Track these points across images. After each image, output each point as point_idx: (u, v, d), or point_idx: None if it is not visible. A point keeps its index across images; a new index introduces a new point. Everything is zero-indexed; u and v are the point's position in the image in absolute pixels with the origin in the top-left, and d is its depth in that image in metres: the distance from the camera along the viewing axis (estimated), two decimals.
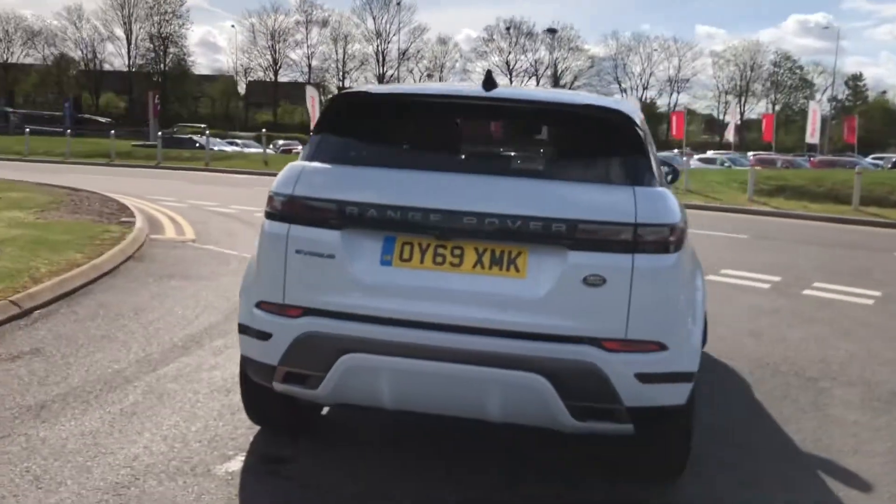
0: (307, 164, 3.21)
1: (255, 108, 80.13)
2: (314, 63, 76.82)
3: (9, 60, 74.71)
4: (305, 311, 3.07)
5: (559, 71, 75.82)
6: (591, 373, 2.89)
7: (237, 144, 43.94)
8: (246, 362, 3.28)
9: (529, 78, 75.77)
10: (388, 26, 76.58)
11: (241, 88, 79.75)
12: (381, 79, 75.69)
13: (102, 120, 56.35)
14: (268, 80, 78.40)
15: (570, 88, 76.43)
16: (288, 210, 3.12)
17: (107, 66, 76.79)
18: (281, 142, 47.83)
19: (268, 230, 3.18)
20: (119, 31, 74.65)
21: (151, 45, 76.00)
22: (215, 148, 36.94)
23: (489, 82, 3.30)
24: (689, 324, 3.13)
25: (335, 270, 3.01)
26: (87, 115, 61.14)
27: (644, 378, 2.96)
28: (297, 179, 3.15)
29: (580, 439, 3.37)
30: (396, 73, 76.52)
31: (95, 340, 5.14)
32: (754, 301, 7.62)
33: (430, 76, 75.04)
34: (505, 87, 3.40)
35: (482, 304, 2.92)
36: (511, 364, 2.89)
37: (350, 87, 3.25)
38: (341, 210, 3.03)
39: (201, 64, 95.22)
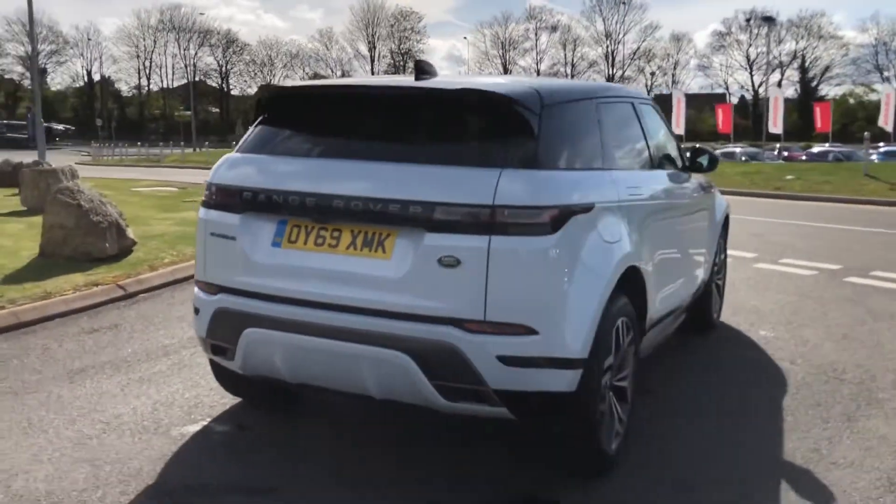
0: (230, 154, 3.52)
1: None
2: (542, 67, 77.54)
3: (271, 81, 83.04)
4: (219, 289, 3.38)
5: (807, 62, 70.27)
6: (451, 353, 2.91)
7: None
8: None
9: (773, 70, 70.95)
10: (618, 27, 75.48)
11: None
12: (610, 80, 74.69)
13: None
14: None
15: (820, 80, 70.34)
16: (207, 196, 3.45)
17: None
18: None
19: (198, 215, 3.53)
20: (364, 49, 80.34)
21: (392, 61, 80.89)
22: None
23: (419, 71, 3.42)
24: (569, 308, 3.03)
25: (237, 251, 3.29)
26: None
27: (508, 361, 2.92)
28: (217, 169, 3.48)
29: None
30: (625, 73, 75.06)
31: (169, 321, 5.82)
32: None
33: (652, 74, 72.68)
34: (438, 78, 3.47)
35: (352, 283, 3.05)
36: (378, 342, 2.99)
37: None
38: (241, 195, 3.31)
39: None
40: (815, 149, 36.82)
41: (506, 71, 79.50)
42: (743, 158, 38.45)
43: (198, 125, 66.01)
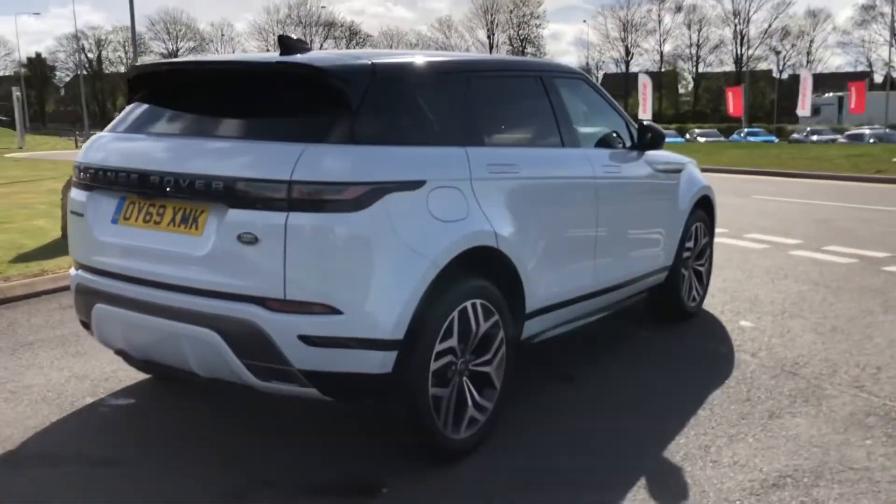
0: (98, 134, 3.61)
1: None
2: (666, 49, 75.10)
3: None
4: (78, 265, 3.48)
5: None
6: (255, 332, 2.88)
7: None
8: None
9: None
10: (747, 4, 71.97)
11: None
12: (738, 61, 71.39)
13: None
14: (619, 71, 78.46)
15: None
16: (74, 175, 3.56)
17: None
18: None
19: None
20: (482, 37, 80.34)
21: (511, 48, 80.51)
22: None
23: (283, 47, 3.39)
24: (377, 288, 2.92)
25: (85, 228, 3.38)
26: None
27: (310, 341, 2.86)
28: (83, 149, 3.57)
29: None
30: (755, 52, 71.48)
31: None
32: None
33: (777, 52, 68.64)
34: (305, 55, 3.42)
35: (171, 260, 3.06)
36: (191, 319, 2.99)
37: None
38: (91, 173, 3.38)
39: (570, 62, 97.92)
40: None
41: (628, 54, 77.54)
42: (871, 140, 35.95)
43: None
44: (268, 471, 3.21)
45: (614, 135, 4.71)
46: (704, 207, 5.50)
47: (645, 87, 44.11)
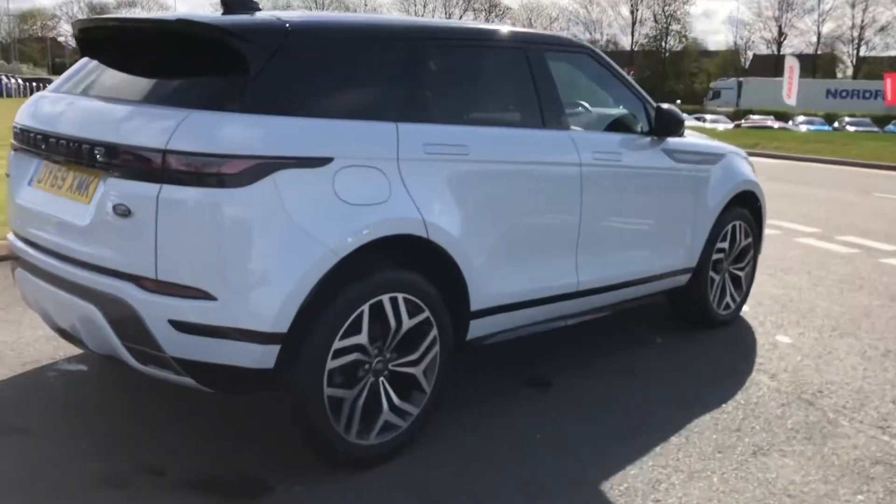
0: (37, 94, 3.48)
1: None
2: (824, 30, 70.24)
3: None
4: (12, 230, 3.40)
5: None
6: (129, 312, 2.68)
7: (704, 120, 43.00)
8: None
9: None
10: None
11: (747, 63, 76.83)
12: None
13: None
14: (770, 52, 74.18)
15: None
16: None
17: (611, 48, 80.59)
18: (755, 117, 45.29)
19: None
20: (625, 12, 77.87)
21: (655, 24, 77.64)
22: None
23: (224, 5, 3.17)
24: (257, 274, 2.64)
25: (10, 190, 3.28)
26: None
27: (182, 326, 2.63)
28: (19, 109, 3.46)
29: None
30: None
31: None
32: None
33: None
34: (242, 15, 3.16)
35: (62, 228, 2.89)
36: (77, 292, 2.82)
37: None
38: (14, 134, 3.27)
39: (718, 41, 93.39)
40: None
41: (780, 34, 73.02)
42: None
43: None
44: (160, 459, 3.01)
45: (629, 118, 4.20)
46: (747, 204, 4.87)
47: (791, 70, 41.36)
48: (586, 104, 4.44)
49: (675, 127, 4.12)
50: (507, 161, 3.36)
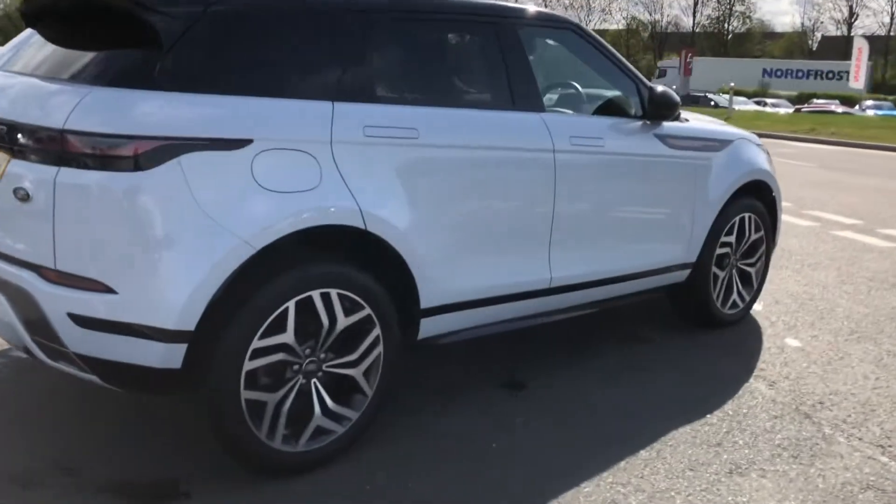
0: None
1: None
2: None
3: (587, 23, 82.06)
4: None
5: None
6: (32, 304, 2.50)
7: (764, 104, 41.68)
8: None
9: None
10: None
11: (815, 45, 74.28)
12: None
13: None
14: (839, 34, 71.51)
15: None
16: None
17: (671, 29, 78.77)
18: (819, 101, 43.68)
19: None
20: None
21: (718, 4, 75.49)
22: (737, 107, 35.77)
23: None
24: (161, 267, 2.43)
25: None
26: None
27: (81, 321, 2.44)
28: None
29: None
30: None
31: None
32: None
33: None
34: None
35: None
36: None
37: None
38: None
39: (784, 23, 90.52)
40: None
41: (851, 14, 70.23)
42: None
43: None
44: (76, 459, 2.84)
45: (622, 100, 3.88)
46: (759, 195, 4.50)
47: (860, 52, 39.62)
48: (577, 86, 4.12)
49: (668, 110, 3.78)
50: (465, 146, 3.09)
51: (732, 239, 4.38)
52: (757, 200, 4.48)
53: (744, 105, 38.84)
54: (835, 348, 4.27)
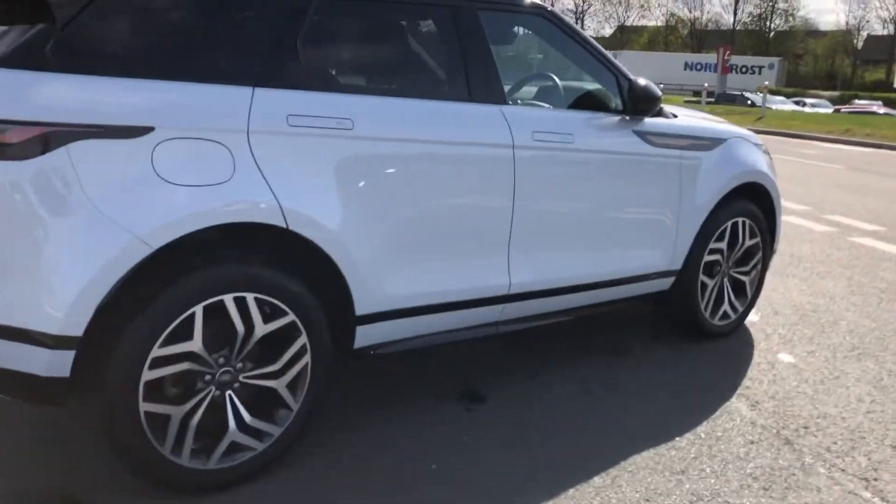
0: None
1: (871, 66, 72.14)
2: None
3: (625, 23, 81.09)
4: None
5: None
6: None
7: (804, 104, 40.70)
8: None
9: None
10: None
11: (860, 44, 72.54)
12: None
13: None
14: (886, 33, 69.77)
15: None
16: None
17: (711, 26, 77.46)
18: (860, 101, 42.58)
19: None
20: None
21: (760, 2, 74.03)
22: (773, 107, 35.03)
23: None
24: (41, 265, 2.22)
25: None
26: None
27: None
28: None
29: None
30: None
31: None
32: None
33: None
34: None
35: None
36: None
37: None
38: None
39: (829, 21, 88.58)
40: None
41: None
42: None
43: None
44: None
45: (602, 94, 3.60)
46: (755, 199, 4.18)
47: None
48: (555, 78, 3.84)
49: (646, 104, 3.49)
50: (409, 139, 2.83)
51: (724, 245, 4.07)
52: (752, 204, 4.16)
53: (781, 105, 37.97)
54: (831, 366, 3.94)
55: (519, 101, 3.73)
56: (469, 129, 3.00)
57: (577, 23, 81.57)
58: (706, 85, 29.03)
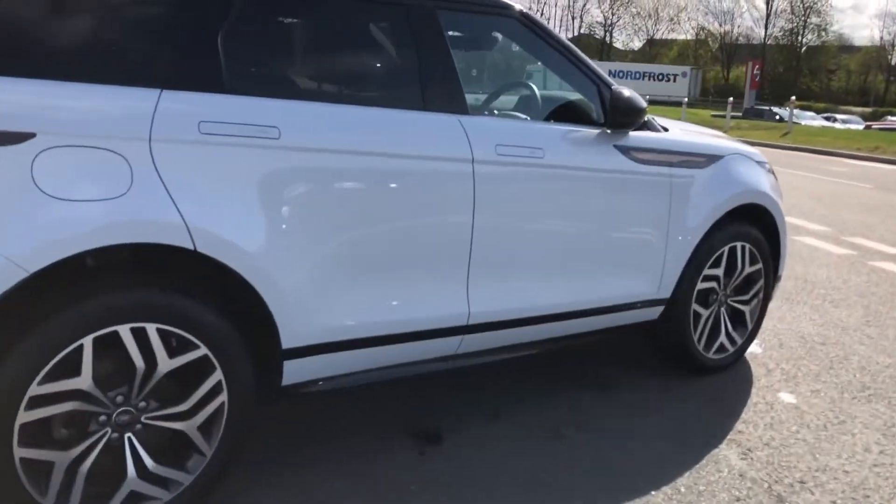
0: None
1: None
2: None
3: (654, 36, 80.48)
4: None
5: None
6: None
7: (834, 119, 39.93)
8: None
9: None
10: None
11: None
12: None
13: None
14: None
15: None
16: None
17: (742, 40, 76.61)
18: (893, 118, 41.71)
19: None
20: (759, 2, 73.68)
21: (792, 14, 73.07)
22: (803, 122, 34.42)
23: None
24: None
25: None
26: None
27: None
28: None
29: None
30: None
31: None
32: None
33: None
34: None
35: None
36: None
37: None
38: None
39: (863, 37, 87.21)
40: None
41: None
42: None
43: None
44: None
45: (583, 105, 3.27)
46: (755, 222, 3.82)
47: None
48: (534, 87, 3.51)
49: (629, 117, 3.15)
50: (347, 151, 2.51)
51: (720, 272, 3.71)
52: (753, 227, 3.79)
53: (811, 120, 37.23)
54: (837, 408, 3.56)
55: (495, 112, 3.42)
56: (421, 141, 2.68)
57: (605, 35, 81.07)
58: (731, 100, 28.43)
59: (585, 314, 3.23)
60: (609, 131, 3.20)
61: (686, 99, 33.82)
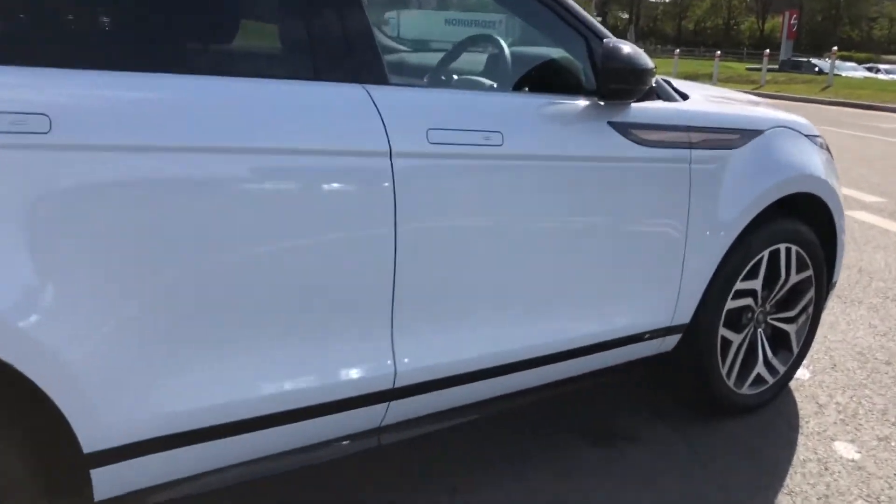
0: None
1: None
2: None
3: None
4: None
5: None
6: None
7: (877, 70, 38.04)
8: None
9: None
10: None
11: None
12: None
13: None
14: None
15: None
16: None
17: None
18: None
19: None
20: None
21: None
22: (844, 74, 32.81)
23: None
24: None
25: None
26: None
27: None
28: None
29: None
30: None
31: None
32: None
33: None
34: None
35: None
36: None
37: None
38: None
39: None
40: None
41: None
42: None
43: None
44: None
45: (559, 67, 2.35)
46: (806, 216, 2.88)
47: None
48: (502, 43, 2.59)
49: (629, 82, 2.22)
50: (173, 148, 1.63)
51: (757, 284, 2.79)
52: (802, 224, 2.85)
53: (852, 72, 35.46)
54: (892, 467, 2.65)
55: (442, 79, 2.51)
56: (306, 128, 1.77)
57: None
58: (767, 51, 26.90)
59: (568, 356, 2.35)
60: (602, 102, 2.28)
61: (719, 52, 32.09)
